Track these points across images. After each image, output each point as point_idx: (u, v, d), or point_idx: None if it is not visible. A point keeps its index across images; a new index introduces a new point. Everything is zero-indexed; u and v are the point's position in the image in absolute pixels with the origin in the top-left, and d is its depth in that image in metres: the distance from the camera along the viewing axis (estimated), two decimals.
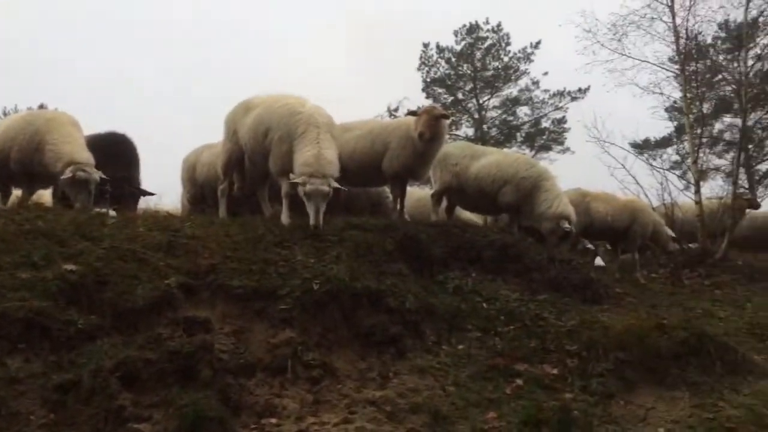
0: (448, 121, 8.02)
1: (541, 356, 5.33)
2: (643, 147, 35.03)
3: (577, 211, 8.47)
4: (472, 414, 4.46)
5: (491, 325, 5.59)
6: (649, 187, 10.86)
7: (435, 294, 5.94)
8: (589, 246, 9.91)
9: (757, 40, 32.45)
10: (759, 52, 32.67)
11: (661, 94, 10.97)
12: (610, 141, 12.62)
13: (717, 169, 34.61)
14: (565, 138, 32.97)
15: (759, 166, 34.20)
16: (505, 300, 5.95)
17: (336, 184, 6.32)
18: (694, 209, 10.29)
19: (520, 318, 5.74)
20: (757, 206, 10.63)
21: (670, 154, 35.14)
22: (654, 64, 11.79)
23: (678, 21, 13.07)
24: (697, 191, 10.12)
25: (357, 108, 37.37)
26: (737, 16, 31.97)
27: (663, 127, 35.18)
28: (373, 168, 7.81)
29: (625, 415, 4.76)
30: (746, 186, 33.48)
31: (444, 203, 8.84)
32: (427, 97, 32.26)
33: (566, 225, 7.81)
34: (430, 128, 7.18)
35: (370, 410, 4.32)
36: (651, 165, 10.57)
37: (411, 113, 7.73)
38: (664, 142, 35.47)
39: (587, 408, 4.71)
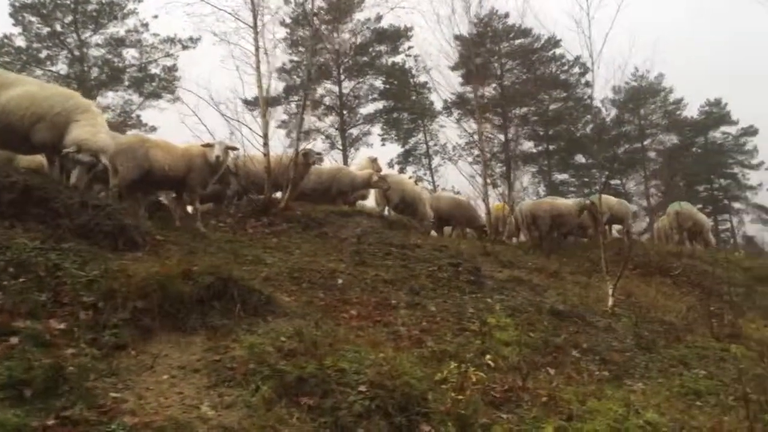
0: None
1: (51, 310, 4.80)
2: (254, 104, 36.24)
3: (135, 157, 8.04)
4: None
5: None
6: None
7: None
8: (163, 200, 9.64)
9: (353, 15, 36.08)
10: (353, 27, 36.48)
11: (237, 45, 10.94)
12: (185, 88, 12.19)
13: (318, 130, 37.99)
14: (176, 87, 32.07)
15: (352, 130, 38.24)
16: (19, 249, 5.22)
17: None
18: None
19: (33, 269, 5.09)
20: (320, 161, 11.55)
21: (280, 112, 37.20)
22: (230, 14, 11.76)
23: None
24: (265, 144, 10.53)
25: None
26: None
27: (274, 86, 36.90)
28: None
29: (132, 366, 4.55)
30: (340, 147, 37.38)
31: None
32: (15, 25, 27.98)
33: (102, 159, 7.09)
34: None
35: None
36: (224, 116, 10.48)
37: None
38: (273, 101, 37.12)
39: (89, 362, 4.36)
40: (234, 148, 9.09)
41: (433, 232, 15.45)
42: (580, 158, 46.61)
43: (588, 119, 45.56)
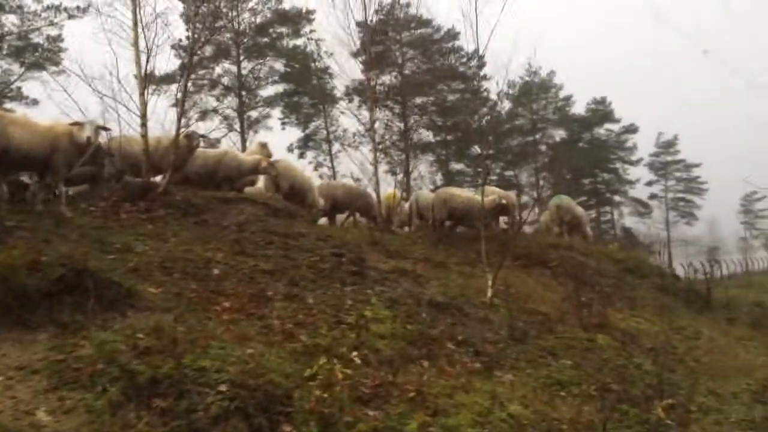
0: None
1: None
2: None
3: None
4: None
5: None
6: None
7: None
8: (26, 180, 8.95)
9: None
10: (254, 6, 35.48)
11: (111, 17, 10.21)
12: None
13: (215, 110, 36.83)
14: (62, 58, 30.04)
15: (251, 112, 37.29)
16: None
17: None
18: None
19: None
20: (197, 145, 11.08)
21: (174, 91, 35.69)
22: None
23: None
24: (144, 125, 9.97)
25: None
26: None
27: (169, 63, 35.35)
28: None
29: None
30: (238, 129, 36.38)
31: None
32: None
33: None
34: None
35: None
36: (99, 92, 9.79)
37: None
38: (168, 78, 35.56)
39: None
40: (105, 128, 8.51)
41: (324, 221, 15.32)
42: (476, 149, 48.02)
43: (484, 111, 47.04)
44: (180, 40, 34.94)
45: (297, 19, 35.74)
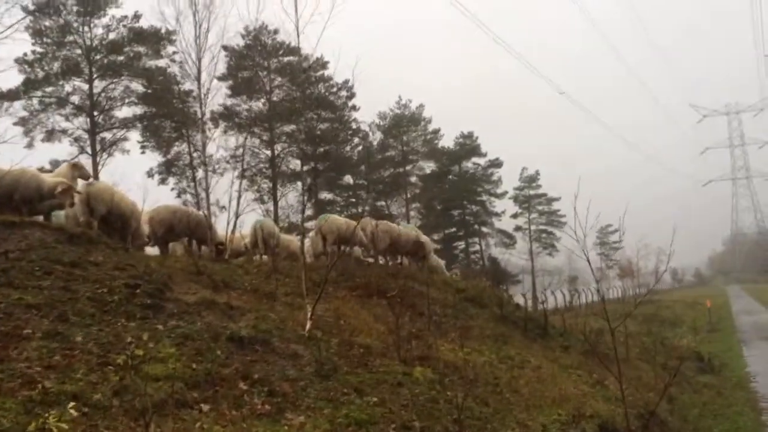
0: None
1: None
2: None
3: None
4: None
5: None
6: None
7: None
8: None
9: (107, 9, 33.32)
10: (108, 22, 33.67)
11: None
12: None
13: (64, 131, 34.33)
14: None
15: (105, 134, 35.03)
16: None
17: None
18: None
19: None
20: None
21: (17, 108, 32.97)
22: None
23: None
24: None
25: None
26: None
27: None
28: None
29: None
30: (90, 152, 34.04)
31: None
32: None
33: None
34: None
35: None
36: None
37: None
38: (12, 95, 32.81)
39: None
40: None
41: (152, 250, 14.21)
42: (348, 179, 47.96)
43: (356, 142, 47.21)
44: (25, 54, 32.93)
45: (156, 40, 34.17)
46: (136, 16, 33.65)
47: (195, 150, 37.46)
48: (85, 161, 32.60)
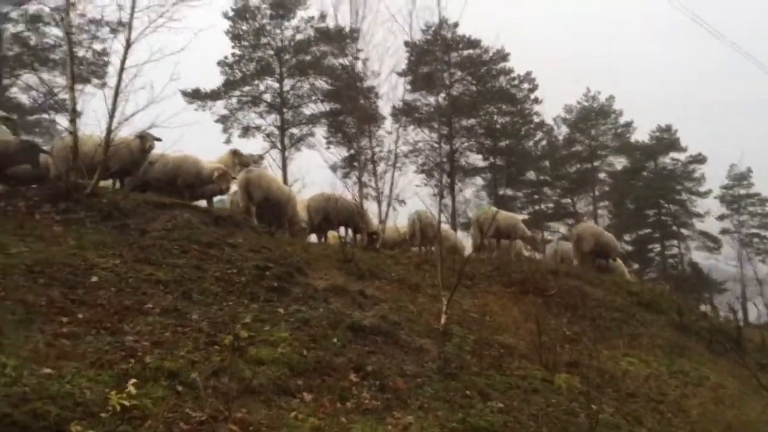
0: None
1: None
2: (194, 96, 34.99)
3: None
4: None
5: None
6: None
7: None
8: None
9: (297, 11, 35.09)
10: (297, 24, 35.47)
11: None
12: None
13: (258, 128, 36.81)
14: (107, 72, 30.59)
15: (293, 130, 36.99)
16: None
17: None
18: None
19: None
20: (150, 147, 10.43)
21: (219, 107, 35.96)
22: None
23: None
24: (72, 120, 9.37)
25: None
26: None
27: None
28: None
29: None
30: (280, 147, 36.12)
31: None
32: None
33: None
34: None
35: None
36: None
37: None
38: (213, 95, 35.86)
39: None
40: (9, 119, 7.95)
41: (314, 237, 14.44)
42: (530, 174, 46.24)
43: (539, 136, 45.36)
44: (225, 57, 35.79)
45: (340, 39, 35.32)
46: (322, 17, 35.00)
47: (377, 145, 38.37)
48: (276, 156, 34.87)
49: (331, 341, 6.76)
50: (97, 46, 30.64)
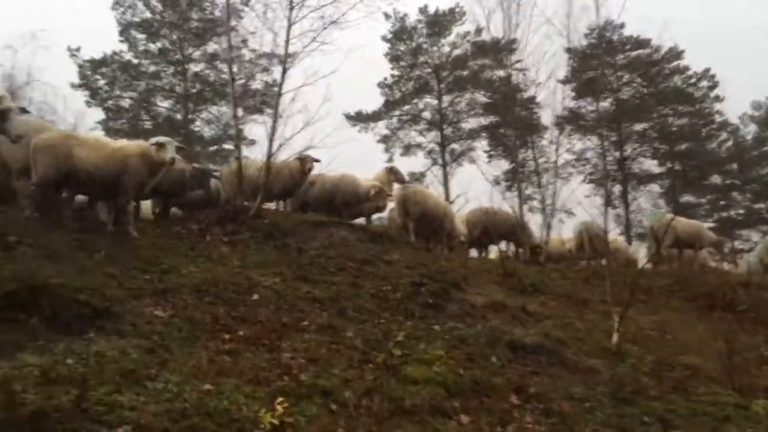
0: None
1: None
2: (356, 119, 36.24)
3: (55, 155, 7.61)
4: None
5: None
6: None
7: None
8: None
9: (452, 28, 35.14)
10: (453, 40, 35.52)
11: None
12: None
13: (418, 145, 37.25)
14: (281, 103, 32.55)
15: (454, 145, 36.97)
16: None
17: None
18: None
19: None
20: (309, 169, 10.72)
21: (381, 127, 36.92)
22: None
23: None
24: (237, 146, 9.85)
25: None
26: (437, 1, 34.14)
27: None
28: None
29: None
30: (441, 163, 36.23)
31: None
32: (122, 41, 29.79)
33: None
34: None
35: None
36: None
37: None
38: (374, 116, 36.90)
39: None
40: (183, 148, 8.53)
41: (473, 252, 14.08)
42: (715, 179, 42.37)
43: (723, 137, 41.48)
44: (385, 78, 36.71)
45: (496, 51, 34.82)
46: (478, 30, 34.71)
47: (540, 156, 37.20)
48: (437, 172, 35.03)
49: (489, 360, 6.40)
50: (269, 78, 32.81)
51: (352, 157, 11.36)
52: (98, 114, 29.44)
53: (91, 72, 29.33)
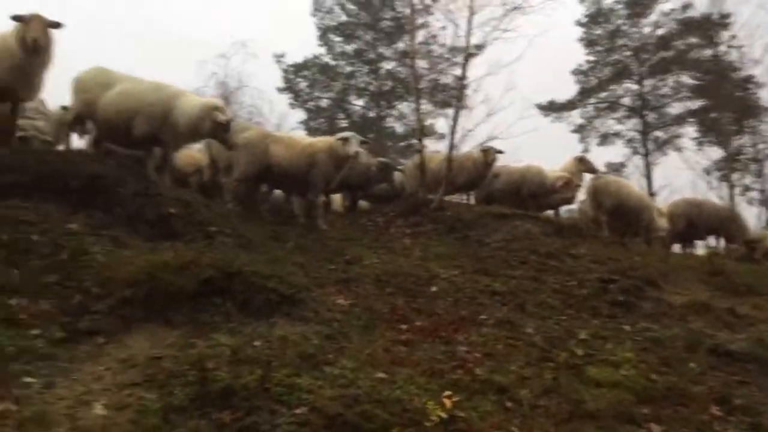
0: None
1: (49, 291, 5.03)
2: (549, 108, 35.10)
3: (255, 153, 8.20)
4: None
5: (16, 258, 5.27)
6: None
7: None
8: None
9: (654, 6, 32.63)
10: (656, 18, 32.97)
11: None
12: None
13: (616, 134, 35.15)
14: (466, 95, 32.59)
15: (657, 133, 34.37)
16: (56, 232, 5.63)
17: None
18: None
19: (58, 252, 5.42)
20: (493, 161, 10.50)
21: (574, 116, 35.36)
22: None
23: None
24: (419, 140, 9.89)
25: None
26: None
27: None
28: None
29: (81, 354, 4.52)
30: (642, 152, 33.89)
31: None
32: (320, 45, 31.67)
33: (219, 116, 7.42)
34: (45, 35, 6.64)
35: None
36: None
37: (16, 18, 6.69)
38: (569, 105, 35.45)
39: (42, 345, 4.44)
40: (366, 142, 8.82)
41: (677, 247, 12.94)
42: None
43: None
44: (579, 65, 35.08)
45: (707, 27, 31.71)
46: (685, 7, 31.90)
47: (761, 141, 33.28)
48: (638, 162, 32.80)
49: (687, 366, 5.80)
50: (458, 72, 32.83)
51: (542, 149, 10.97)
52: (300, 115, 31.64)
53: (293, 76, 31.51)
